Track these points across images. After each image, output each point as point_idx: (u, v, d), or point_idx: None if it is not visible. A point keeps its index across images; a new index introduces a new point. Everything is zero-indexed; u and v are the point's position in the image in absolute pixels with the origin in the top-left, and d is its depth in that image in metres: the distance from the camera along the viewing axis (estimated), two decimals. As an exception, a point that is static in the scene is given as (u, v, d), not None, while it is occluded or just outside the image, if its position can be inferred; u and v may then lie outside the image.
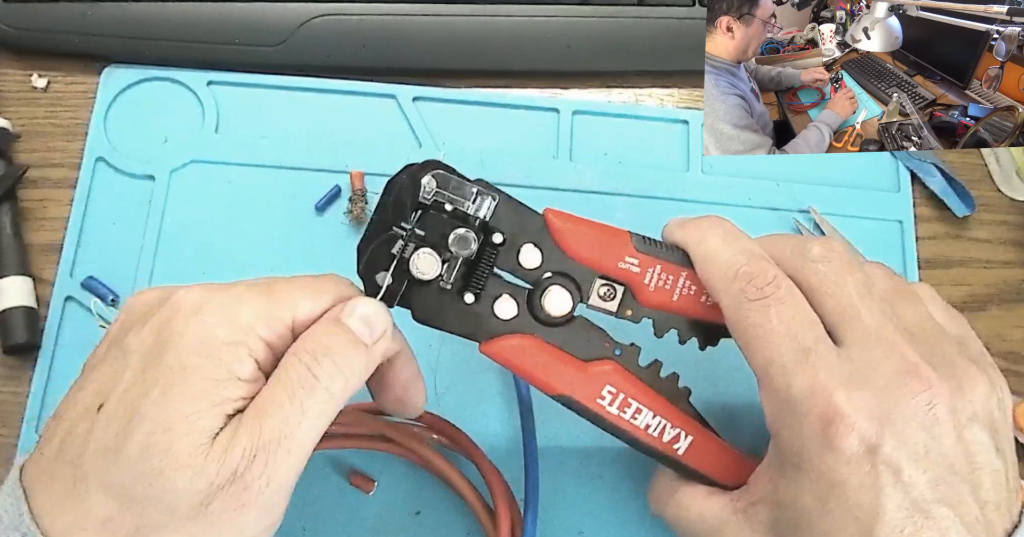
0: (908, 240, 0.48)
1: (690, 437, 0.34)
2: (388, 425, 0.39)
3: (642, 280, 0.34)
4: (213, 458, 0.27)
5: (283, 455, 0.27)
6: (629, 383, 0.34)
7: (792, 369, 0.29)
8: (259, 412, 0.28)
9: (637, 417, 0.33)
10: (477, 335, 0.33)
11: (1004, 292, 0.48)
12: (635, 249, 0.34)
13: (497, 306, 0.33)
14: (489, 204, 0.33)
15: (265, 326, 0.29)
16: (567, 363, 0.33)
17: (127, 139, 0.48)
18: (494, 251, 0.33)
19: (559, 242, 0.33)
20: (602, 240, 0.34)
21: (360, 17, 0.49)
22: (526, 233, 0.33)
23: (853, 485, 0.28)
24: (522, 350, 0.33)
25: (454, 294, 0.33)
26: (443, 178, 0.32)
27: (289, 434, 0.28)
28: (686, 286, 0.34)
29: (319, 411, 0.28)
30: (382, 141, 0.48)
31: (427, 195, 0.32)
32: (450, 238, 0.32)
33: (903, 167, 0.50)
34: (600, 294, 0.34)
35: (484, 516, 0.38)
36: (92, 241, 0.45)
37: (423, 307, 0.33)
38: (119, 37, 0.48)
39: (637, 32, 0.50)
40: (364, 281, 0.32)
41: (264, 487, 0.27)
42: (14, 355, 0.43)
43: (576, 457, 0.42)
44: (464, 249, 0.32)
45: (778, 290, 0.30)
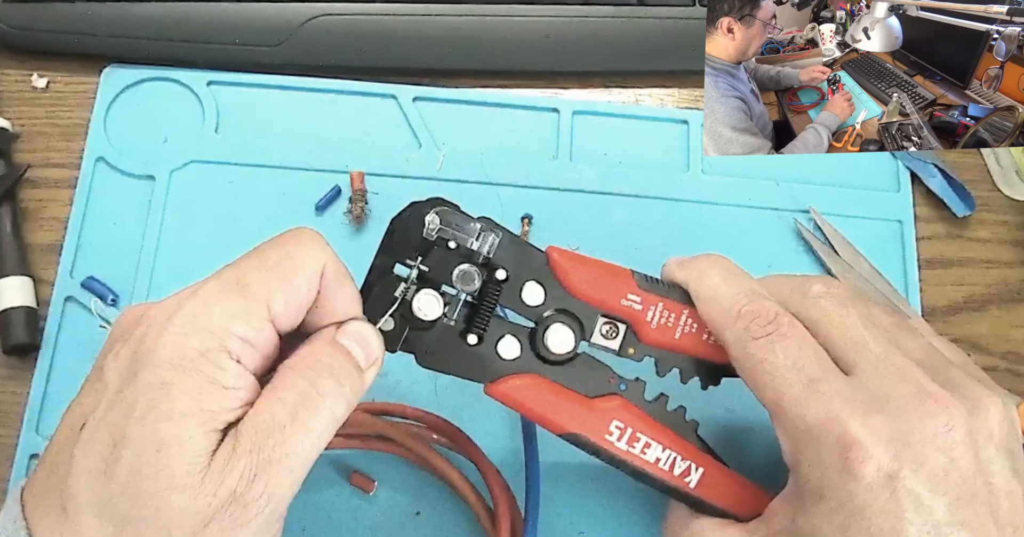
0: (908, 240, 0.48)
1: (701, 469, 0.34)
2: (388, 425, 0.39)
3: (644, 317, 0.34)
4: (211, 478, 0.26)
5: (284, 474, 0.27)
6: (637, 417, 0.34)
7: (804, 400, 0.29)
8: (259, 430, 0.27)
9: (647, 451, 0.33)
10: (482, 377, 0.33)
11: (1004, 292, 0.48)
12: (637, 286, 0.34)
13: (500, 346, 0.33)
14: (493, 241, 0.33)
15: (241, 324, 0.28)
16: (573, 400, 0.33)
17: (127, 139, 0.48)
18: (497, 288, 0.33)
19: (562, 280, 0.33)
20: (604, 278, 0.34)
21: (360, 17, 0.49)
22: (529, 270, 0.33)
23: (874, 511, 0.28)
24: (527, 390, 0.33)
25: (456, 337, 0.33)
26: (447, 215, 0.32)
27: (290, 453, 0.27)
28: (688, 324, 0.34)
29: (322, 430, 0.28)
30: (382, 141, 0.48)
31: (431, 232, 0.32)
32: (454, 274, 0.32)
33: (903, 167, 0.50)
34: (602, 332, 0.34)
35: (484, 516, 0.38)
36: (92, 241, 0.45)
37: (426, 352, 0.33)
38: (119, 37, 0.48)
39: (637, 32, 0.50)
40: None
41: (264, 507, 0.27)
42: (14, 355, 0.43)
43: (576, 457, 0.42)
44: (468, 285, 0.32)
45: (781, 326, 0.31)
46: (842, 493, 0.28)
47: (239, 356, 0.28)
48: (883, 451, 0.28)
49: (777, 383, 0.30)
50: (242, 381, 0.28)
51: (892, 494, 0.28)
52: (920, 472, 0.28)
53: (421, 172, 0.48)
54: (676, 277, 0.34)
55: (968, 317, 0.47)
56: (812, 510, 0.29)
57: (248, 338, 0.28)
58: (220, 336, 0.27)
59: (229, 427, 0.27)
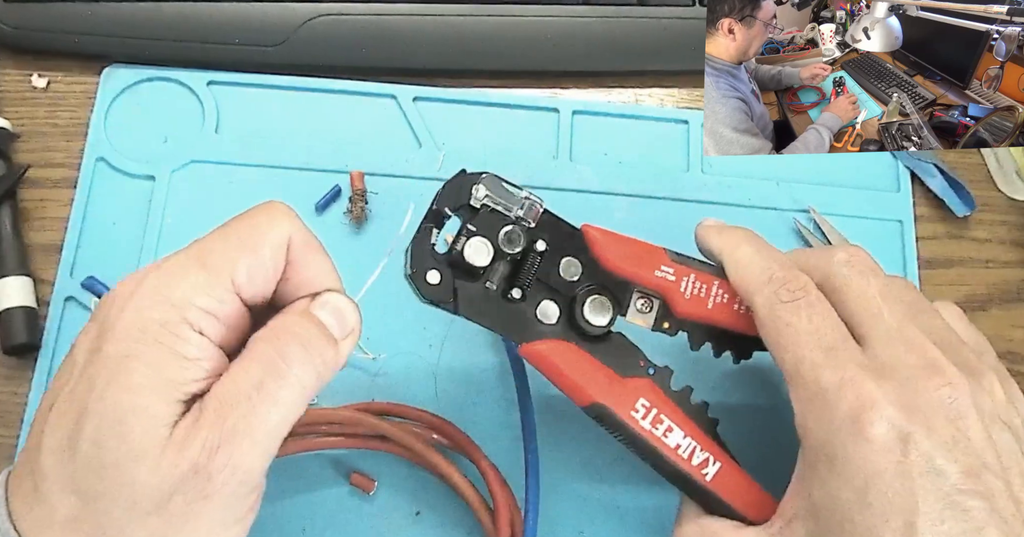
0: (908, 240, 0.48)
1: (718, 464, 0.34)
2: (388, 425, 0.39)
3: (678, 288, 0.35)
4: (172, 449, 0.26)
5: (249, 445, 0.26)
6: (663, 401, 0.34)
7: (821, 364, 0.30)
8: (222, 401, 0.27)
9: (668, 436, 0.34)
10: (518, 335, 0.34)
11: (1004, 292, 0.48)
12: (670, 260, 0.35)
13: (540, 309, 0.34)
14: (536, 211, 0.34)
15: (203, 296, 0.27)
16: (603, 373, 0.34)
17: (127, 139, 0.48)
18: (537, 257, 0.34)
19: (598, 255, 0.34)
20: (638, 252, 0.35)
21: (360, 17, 0.49)
22: (566, 245, 0.34)
23: (889, 475, 0.28)
24: (562, 354, 0.34)
25: (498, 292, 0.34)
26: (494, 184, 0.34)
27: (256, 425, 0.27)
28: (720, 294, 0.35)
29: (289, 401, 0.27)
30: (382, 141, 0.48)
31: (479, 198, 0.34)
32: (500, 234, 0.33)
33: (903, 167, 0.50)
34: (637, 307, 0.35)
35: (484, 516, 0.38)
36: (92, 241, 0.45)
37: (468, 301, 0.33)
38: (119, 37, 0.48)
39: (637, 32, 0.50)
40: (414, 281, 0.33)
41: (229, 478, 0.26)
42: (14, 355, 0.43)
43: (576, 457, 0.42)
44: (512, 246, 0.33)
45: (808, 295, 0.32)
46: (855, 456, 0.28)
47: (201, 327, 0.27)
48: (893, 413, 0.28)
49: (799, 346, 0.31)
50: (205, 352, 0.27)
51: (904, 457, 0.28)
52: (931, 437, 0.28)
53: (421, 172, 0.48)
54: (710, 243, 0.36)
55: (968, 317, 0.47)
56: (827, 478, 0.29)
57: (211, 309, 0.28)
58: (181, 308, 0.27)
59: (195, 400, 0.27)
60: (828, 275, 0.33)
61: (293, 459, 0.40)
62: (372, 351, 0.43)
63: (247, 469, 0.27)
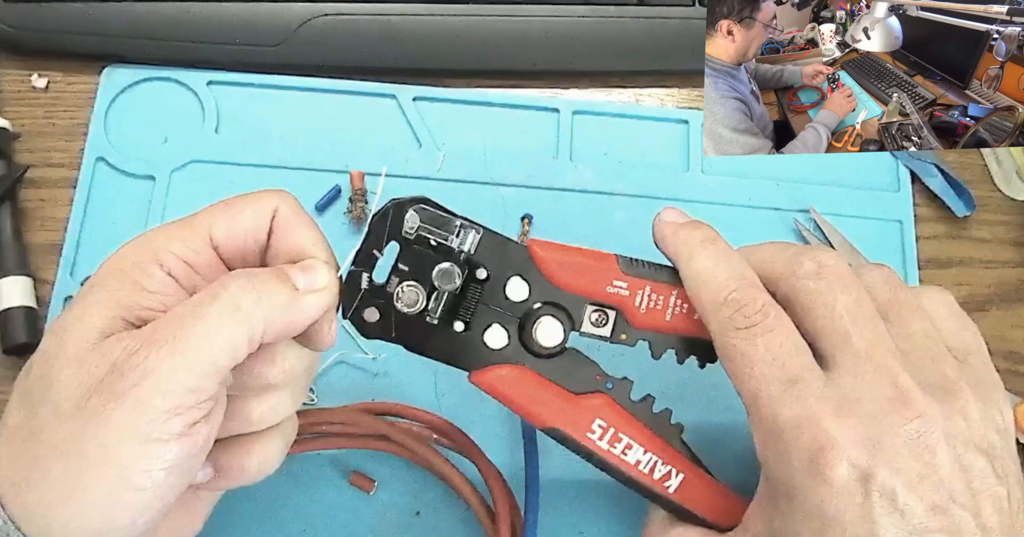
0: (908, 240, 0.48)
1: (681, 475, 0.33)
2: (388, 425, 0.39)
3: (633, 303, 0.33)
4: (98, 350, 0.27)
5: (167, 353, 0.26)
6: (620, 417, 0.33)
7: (779, 398, 0.29)
8: (160, 319, 0.28)
9: (627, 453, 0.33)
10: (467, 364, 0.33)
11: (1004, 292, 0.48)
12: (622, 272, 0.33)
13: (487, 335, 0.33)
14: (473, 238, 0.32)
15: (179, 244, 0.30)
16: (557, 395, 0.33)
17: (127, 139, 0.48)
18: (479, 287, 0.33)
19: (545, 273, 0.33)
20: (588, 267, 0.33)
21: (360, 17, 0.49)
22: (511, 266, 0.33)
23: (849, 518, 0.27)
24: (512, 381, 0.33)
25: (444, 324, 0.33)
26: (426, 213, 0.32)
27: (180, 336, 0.27)
28: (677, 305, 0.33)
29: (217, 319, 0.27)
30: (382, 141, 0.48)
31: (410, 230, 0.32)
32: (434, 272, 0.32)
33: (903, 167, 0.50)
34: (592, 320, 0.34)
35: (484, 516, 0.38)
36: (92, 241, 0.45)
37: (410, 336, 0.33)
38: (119, 37, 0.48)
39: (637, 32, 0.50)
40: (353, 323, 0.32)
41: (140, 379, 0.26)
42: (14, 355, 0.43)
43: (576, 457, 0.42)
44: (448, 283, 0.32)
45: (766, 318, 0.30)
46: (814, 497, 0.27)
47: (170, 269, 0.29)
48: (855, 454, 0.27)
49: (755, 379, 0.29)
50: (166, 288, 0.29)
51: (865, 499, 0.27)
52: (895, 477, 0.27)
53: (421, 172, 0.48)
54: (666, 247, 0.33)
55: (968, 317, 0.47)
56: (786, 513, 0.29)
57: (185, 257, 0.30)
58: (155, 251, 0.29)
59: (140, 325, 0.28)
60: (794, 288, 0.30)
61: (293, 459, 0.40)
62: (372, 351, 0.43)
63: (162, 375, 0.26)
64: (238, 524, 0.40)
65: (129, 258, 0.29)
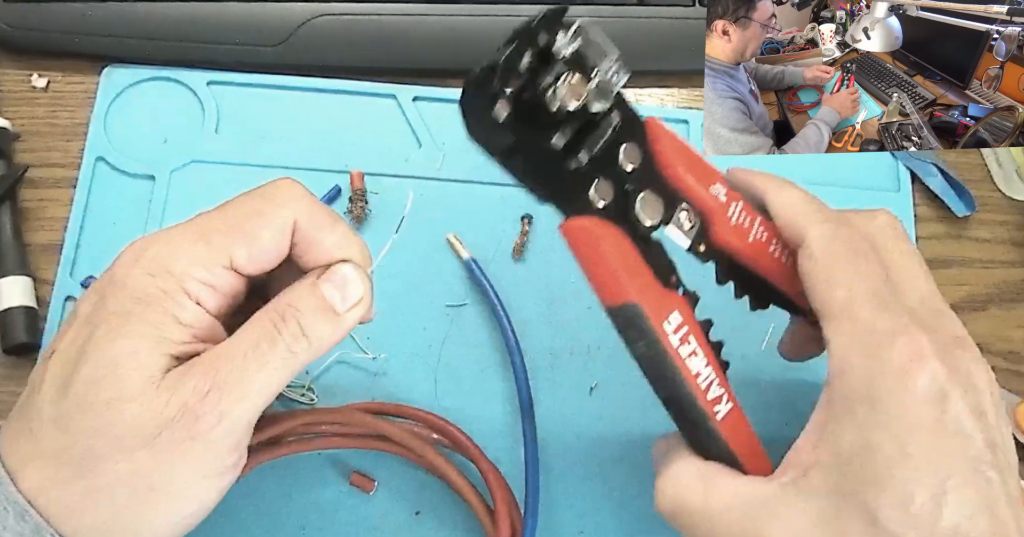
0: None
1: (730, 404, 0.31)
2: (388, 425, 0.39)
3: (725, 212, 0.32)
4: (164, 390, 0.28)
5: (237, 396, 0.29)
6: (692, 322, 0.30)
7: (878, 306, 0.29)
8: (217, 357, 0.29)
9: (692, 359, 0.30)
10: (565, 205, 0.29)
11: (1004, 292, 0.48)
12: (725, 181, 0.32)
13: (596, 186, 0.29)
14: (623, 78, 0.28)
15: (202, 270, 0.30)
16: (646, 273, 0.29)
17: (127, 139, 0.48)
18: (612, 126, 0.29)
19: (657, 152, 0.30)
20: (698, 161, 0.31)
21: (360, 17, 0.49)
22: (628, 132, 0.29)
23: (927, 429, 0.27)
24: (611, 239, 0.29)
25: (560, 153, 0.28)
26: (587, 38, 0.28)
27: (245, 379, 0.29)
28: (760, 231, 0.32)
29: (278, 365, 0.30)
30: (382, 141, 0.48)
31: (565, 47, 0.28)
32: (591, 82, 0.27)
33: (903, 167, 0.50)
34: (680, 220, 0.31)
35: (484, 516, 0.38)
36: (92, 241, 0.45)
37: (523, 154, 0.28)
38: (119, 37, 0.48)
39: (636, 32, 0.50)
40: (472, 110, 0.29)
41: (216, 422, 0.28)
42: (14, 355, 0.43)
43: (576, 457, 0.42)
44: (604, 101, 0.28)
45: (865, 242, 0.31)
46: (898, 404, 0.27)
47: (198, 297, 0.30)
48: (939, 369, 0.27)
49: (854, 284, 0.29)
50: (199, 321, 0.30)
51: (943, 414, 0.27)
52: (965, 400, 0.27)
53: (421, 172, 0.48)
54: (754, 181, 0.33)
55: (968, 317, 0.47)
56: (864, 422, 0.28)
57: (208, 282, 0.30)
58: (180, 278, 0.30)
59: (184, 359, 0.29)
60: (871, 234, 0.32)
61: (293, 459, 0.40)
62: (372, 351, 0.43)
63: (234, 418, 0.29)
64: (238, 524, 0.40)
65: (156, 284, 0.29)
